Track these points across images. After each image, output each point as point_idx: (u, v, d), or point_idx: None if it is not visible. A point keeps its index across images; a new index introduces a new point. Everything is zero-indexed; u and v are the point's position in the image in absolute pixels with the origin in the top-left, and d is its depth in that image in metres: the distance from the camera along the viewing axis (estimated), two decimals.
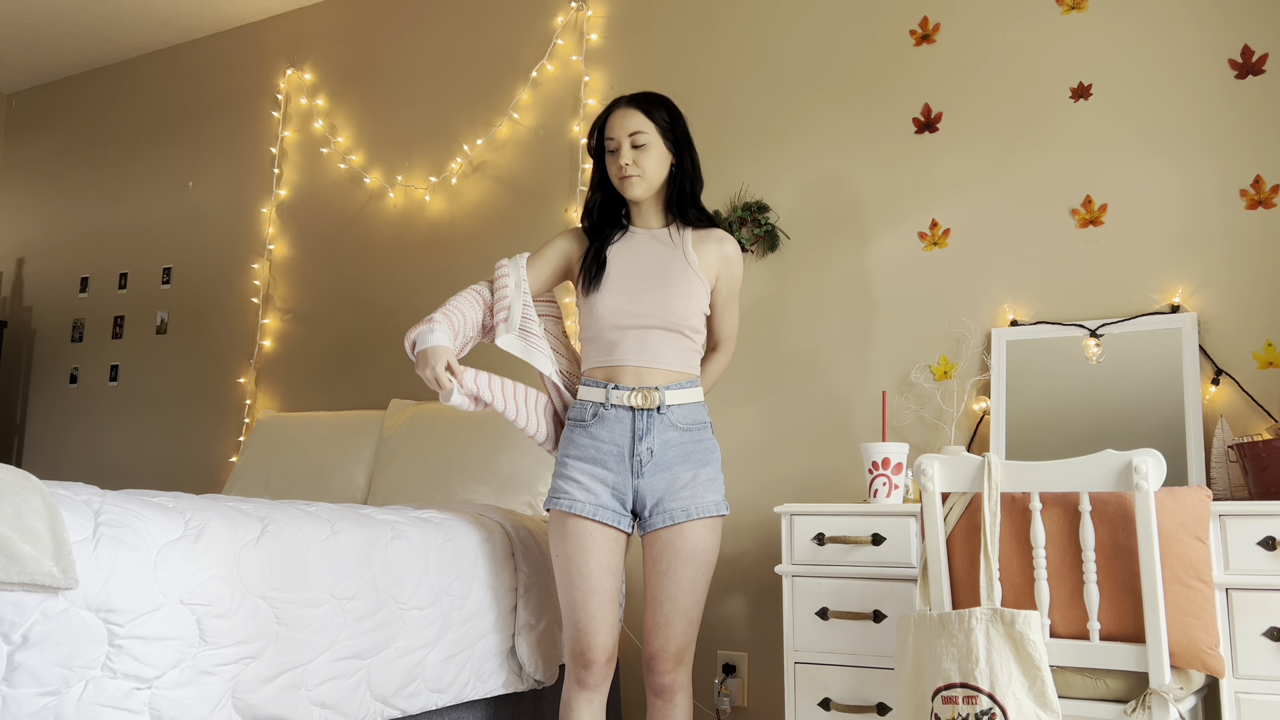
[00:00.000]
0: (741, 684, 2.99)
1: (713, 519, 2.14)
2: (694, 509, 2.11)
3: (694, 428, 2.18)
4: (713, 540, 2.14)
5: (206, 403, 4.28)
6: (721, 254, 2.27)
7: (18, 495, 1.53)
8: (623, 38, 3.54)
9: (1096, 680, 1.88)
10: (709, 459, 2.18)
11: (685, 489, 2.13)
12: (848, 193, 3.06)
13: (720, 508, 2.15)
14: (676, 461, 2.14)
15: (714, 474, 2.18)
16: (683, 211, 2.29)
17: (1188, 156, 2.64)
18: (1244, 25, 2.62)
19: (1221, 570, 2.02)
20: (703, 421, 2.20)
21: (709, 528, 2.13)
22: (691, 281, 2.21)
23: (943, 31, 3.00)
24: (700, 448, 2.17)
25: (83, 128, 5.03)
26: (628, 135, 2.22)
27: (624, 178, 2.23)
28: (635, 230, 2.31)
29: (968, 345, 2.82)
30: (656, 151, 2.23)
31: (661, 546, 2.12)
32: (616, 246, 2.28)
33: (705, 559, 2.12)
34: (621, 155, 2.22)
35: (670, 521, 2.11)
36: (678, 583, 2.10)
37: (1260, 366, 2.50)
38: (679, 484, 2.13)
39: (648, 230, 2.30)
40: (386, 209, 3.98)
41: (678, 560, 2.10)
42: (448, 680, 2.31)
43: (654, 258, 2.24)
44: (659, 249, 2.26)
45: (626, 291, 2.20)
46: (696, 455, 2.16)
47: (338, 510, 2.20)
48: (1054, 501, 1.92)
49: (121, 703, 1.64)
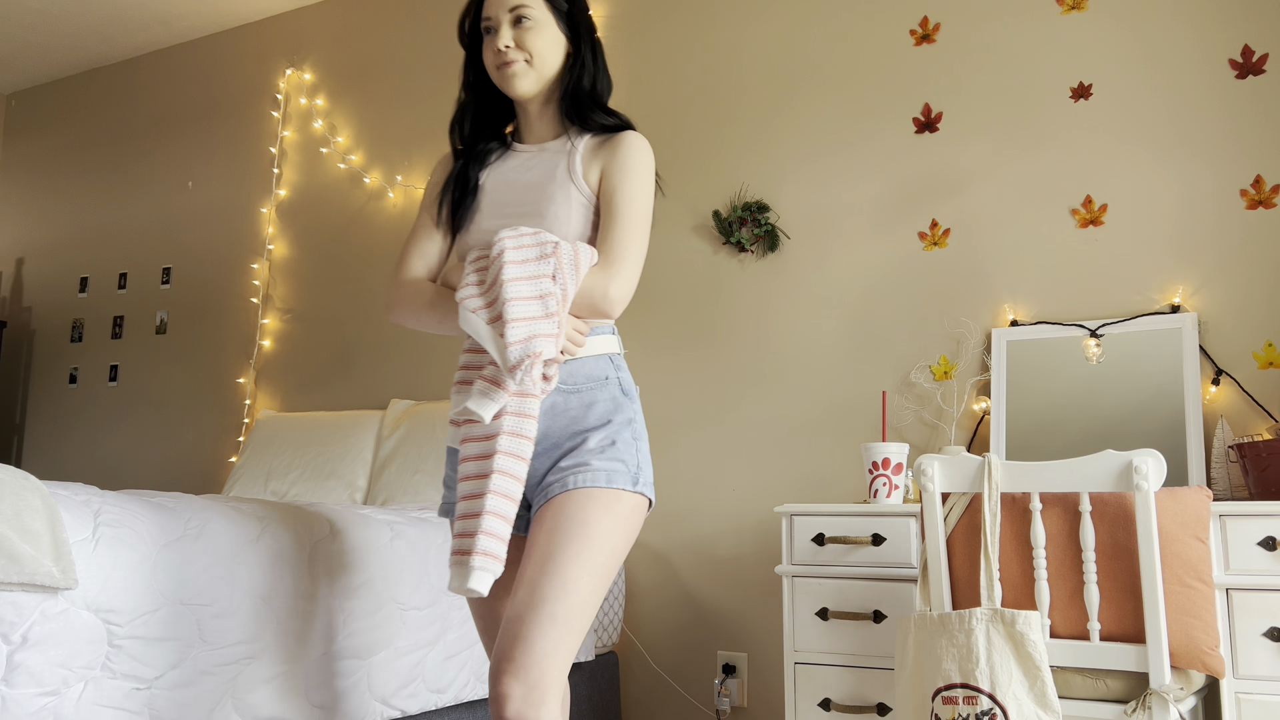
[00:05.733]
0: (741, 684, 2.99)
1: (603, 491, 1.56)
2: (576, 480, 1.57)
3: (585, 386, 1.65)
4: (601, 515, 1.55)
5: (206, 403, 4.28)
6: (612, 151, 1.69)
7: (17, 495, 1.53)
8: (623, 38, 3.54)
9: (1097, 680, 1.88)
10: (609, 422, 1.63)
11: (571, 458, 1.60)
12: (848, 193, 3.06)
13: (618, 480, 1.58)
14: (561, 430, 1.63)
15: (614, 440, 1.62)
16: (583, 116, 1.73)
17: (1188, 156, 2.64)
18: (1244, 25, 2.62)
19: (1221, 570, 2.02)
20: (599, 377, 1.66)
21: (597, 501, 1.56)
22: (573, 198, 1.67)
23: (943, 31, 2.99)
24: (595, 411, 1.64)
25: (83, 128, 5.02)
26: (508, 11, 1.70)
27: (503, 65, 1.70)
28: (520, 148, 1.77)
29: (968, 345, 2.82)
30: (548, 33, 1.71)
31: (535, 525, 1.57)
32: (492, 169, 1.74)
33: (586, 533, 1.52)
34: (500, 36, 1.69)
35: (546, 498, 1.59)
36: (550, 555, 1.51)
37: (1260, 366, 2.50)
38: (563, 454, 1.62)
39: (537, 145, 1.76)
40: (386, 209, 3.98)
41: (541, 532, 1.55)
42: (448, 680, 2.31)
43: (535, 171, 1.71)
44: (543, 164, 1.72)
45: (495, 221, 1.69)
46: (587, 420, 1.63)
47: (337, 510, 2.20)
48: (1054, 502, 1.92)
49: (121, 703, 1.64)
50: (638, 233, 1.67)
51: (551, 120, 1.76)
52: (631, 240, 1.66)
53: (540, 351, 1.49)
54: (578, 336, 1.63)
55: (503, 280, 1.53)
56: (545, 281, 1.54)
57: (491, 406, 1.52)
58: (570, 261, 1.57)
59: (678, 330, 3.25)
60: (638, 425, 1.67)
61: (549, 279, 1.55)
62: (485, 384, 1.53)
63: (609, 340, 1.70)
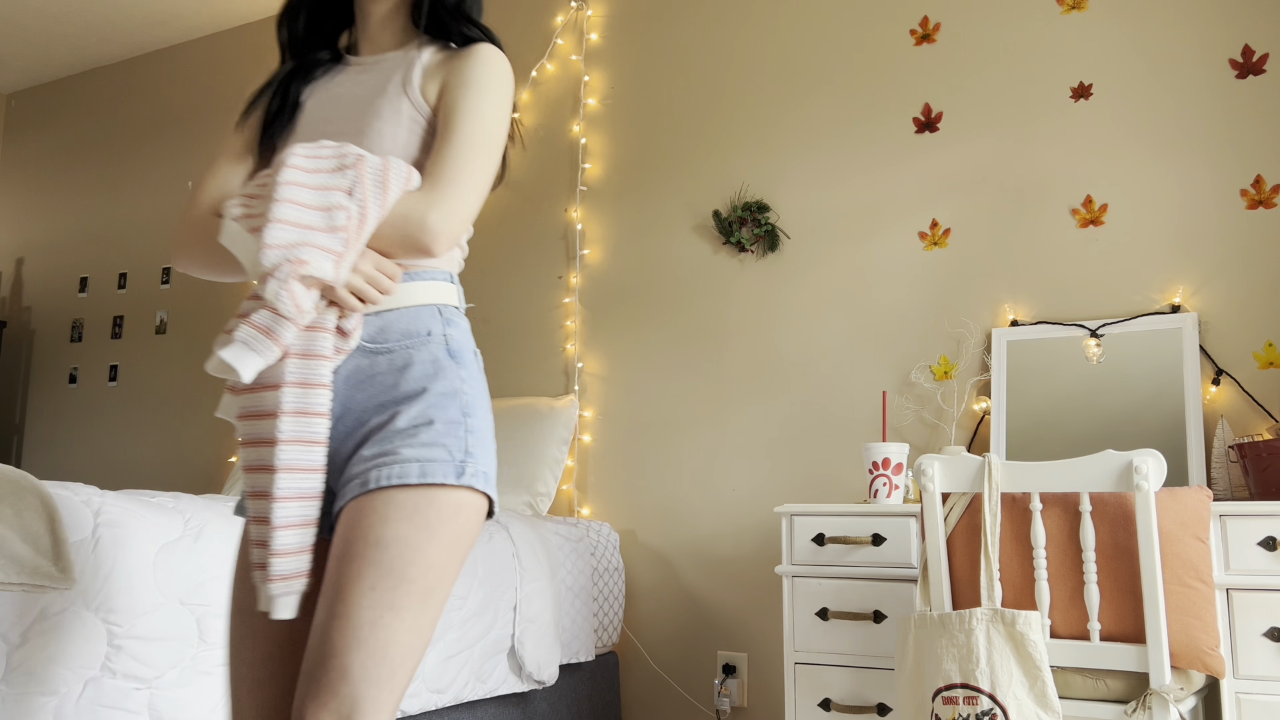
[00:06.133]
0: (741, 684, 2.99)
1: (412, 492, 1.19)
2: (379, 476, 1.19)
3: (399, 345, 1.27)
4: (406, 528, 1.17)
5: (206, 403, 4.28)
6: (459, 63, 1.37)
7: (17, 495, 1.53)
8: (623, 38, 3.54)
9: (1097, 680, 1.88)
10: (424, 391, 1.25)
11: (375, 443, 1.23)
12: (848, 192, 3.06)
13: (436, 473, 1.19)
14: (366, 402, 1.26)
15: (431, 418, 1.23)
16: (437, 24, 1.42)
17: (1188, 156, 2.64)
18: (1244, 25, 2.62)
19: (1222, 570, 2.02)
20: (419, 333, 1.28)
21: (402, 508, 1.18)
22: (404, 114, 1.34)
23: (943, 31, 2.99)
24: (409, 378, 1.26)
25: (83, 128, 5.02)
26: None
27: None
28: (355, 61, 1.45)
29: (968, 345, 2.82)
30: None
31: (337, 537, 1.21)
32: (318, 84, 1.43)
33: (382, 558, 1.16)
34: None
35: (345, 499, 1.22)
36: (339, 594, 1.16)
37: (1260, 366, 2.50)
38: (366, 436, 1.25)
39: (374, 57, 1.44)
40: None
41: (333, 556, 1.19)
42: (448, 680, 2.31)
43: (365, 86, 1.39)
44: (377, 76, 1.40)
45: (310, 138, 1.36)
46: (399, 389, 1.25)
47: None
48: (1054, 502, 1.92)
49: (121, 703, 1.64)
50: (476, 156, 1.29)
51: (398, 29, 1.44)
52: (466, 163, 1.28)
53: (306, 261, 1.14)
54: (381, 279, 1.23)
55: (279, 183, 1.19)
56: (337, 195, 1.20)
57: (252, 361, 1.15)
58: (376, 178, 1.22)
59: (678, 330, 3.25)
60: (469, 398, 1.26)
61: (343, 193, 1.20)
62: (251, 331, 1.15)
63: (441, 289, 1.33)
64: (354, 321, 1.23)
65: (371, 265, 1.23)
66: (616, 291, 3.39)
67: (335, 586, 1.16)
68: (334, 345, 1.21)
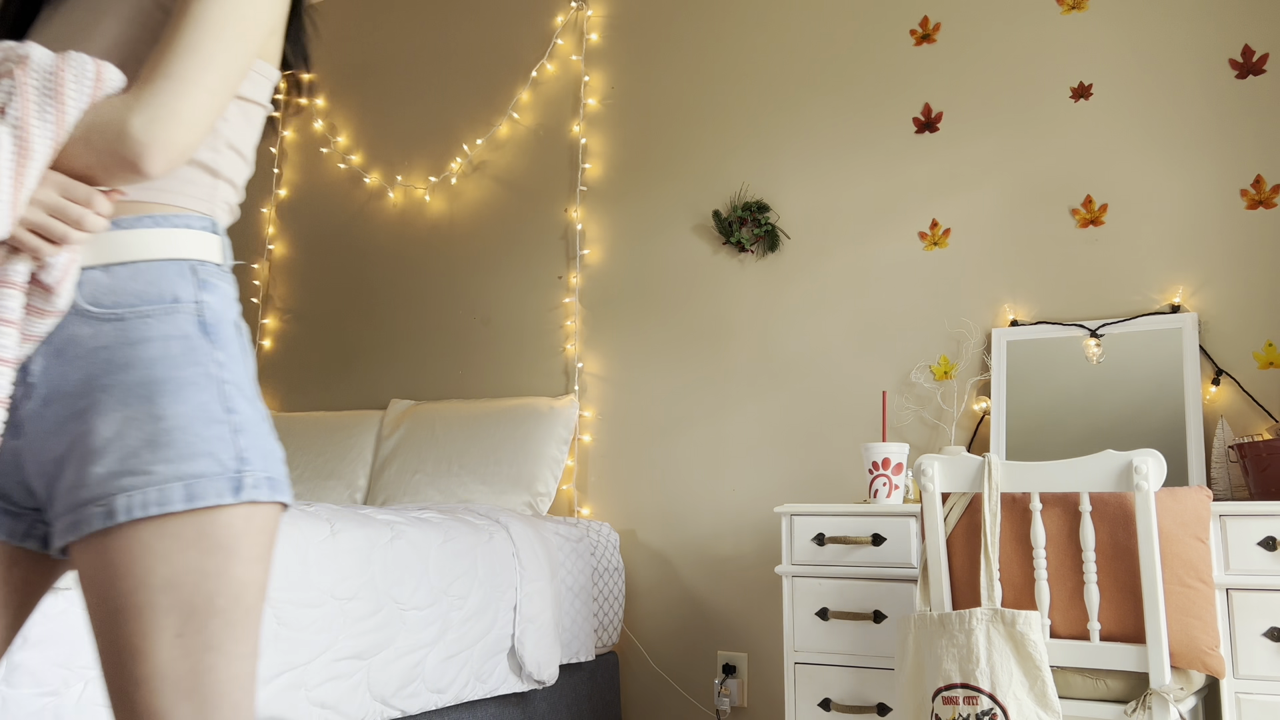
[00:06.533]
0: (741, 684, 2.99)
1: (180, 522, 0.92)
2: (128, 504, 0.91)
3: (131, 311, 0.96)
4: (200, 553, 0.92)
5: None
6: None
7: None
8: (623, 38, 3.54)
9: (1097, 680, 1.88)
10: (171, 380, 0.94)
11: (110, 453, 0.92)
12: (848, 193, 3.06)
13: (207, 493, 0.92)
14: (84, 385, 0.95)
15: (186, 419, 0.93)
16: None
17: (1188, 156, 2.64)
18: (1244, 25, 2.62)
19: (1222, 570, 2.02)
20: (163, 298, 0.97)
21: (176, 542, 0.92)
22: (142, 6, 1.03)
23: (943, 31, 2.99)
24: (144, 358, 0.94)
25: None
26: None
27: None
28: None
29: (968, 345, 2.82)
30: None
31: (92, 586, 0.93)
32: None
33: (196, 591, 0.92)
34: None
35: (75, 529, 0.93)
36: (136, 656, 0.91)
37: (1260, 366, 2.50)
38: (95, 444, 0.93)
39: None
40: (386, 209, 3.98)
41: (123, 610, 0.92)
42: (448, 680, 2.31)
43: None
44: None
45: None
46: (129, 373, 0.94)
47: (337, 510, 2.20)
48: (1054, 502, 1.92)
49: None
50: (206, 41, 0.96)
51: None
52: (189, 51, 0.96)
53: None
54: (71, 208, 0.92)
55: None
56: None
57: None
58: (43, 82, 0.92)
59: (678, 330, 3.25)
60: (231, 387, 0.97)
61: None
62: None
63: (195, 240, 1.01)
64: (56, 273, 0.92)
65: (55, 191, 0.92)
66: (616, 291, 3.39)
67: (123, 649, 0.91)
68: (27, 306, 0.92)
